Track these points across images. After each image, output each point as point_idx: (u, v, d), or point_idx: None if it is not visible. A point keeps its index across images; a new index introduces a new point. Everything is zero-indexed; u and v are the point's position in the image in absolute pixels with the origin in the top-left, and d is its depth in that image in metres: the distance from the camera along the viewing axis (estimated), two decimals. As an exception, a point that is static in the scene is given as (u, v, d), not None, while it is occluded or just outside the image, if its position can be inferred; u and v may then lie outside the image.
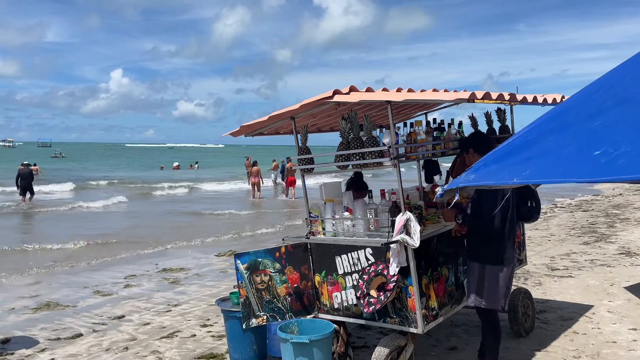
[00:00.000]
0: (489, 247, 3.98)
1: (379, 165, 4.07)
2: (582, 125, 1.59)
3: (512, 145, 1.73)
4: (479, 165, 1.75)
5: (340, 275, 4.31)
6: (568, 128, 1.61)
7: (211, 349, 5.08)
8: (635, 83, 1.61)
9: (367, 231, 4.20)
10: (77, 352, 5.16)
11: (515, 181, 1.58)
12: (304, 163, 4.48)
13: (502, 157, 1.71)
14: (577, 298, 6.22)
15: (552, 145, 1.59)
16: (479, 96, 3.64)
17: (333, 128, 5.64)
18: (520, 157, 1.64)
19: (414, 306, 3.92)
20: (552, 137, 1.62)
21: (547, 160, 1.56)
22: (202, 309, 6.46)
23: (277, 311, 4.35)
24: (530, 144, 1.66)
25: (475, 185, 1.72)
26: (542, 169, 1.55)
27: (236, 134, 4.87)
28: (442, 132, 4.91)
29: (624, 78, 1.69)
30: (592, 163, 1.45)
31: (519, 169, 1.59)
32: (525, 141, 1.69)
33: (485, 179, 1.67)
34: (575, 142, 1.54)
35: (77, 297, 7.24)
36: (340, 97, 3.97)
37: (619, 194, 19.01)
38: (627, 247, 9.15)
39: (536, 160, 1.58)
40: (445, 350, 4.81)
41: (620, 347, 4.70)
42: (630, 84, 1.63)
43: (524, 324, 5.01)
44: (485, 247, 4.00)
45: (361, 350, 4.84)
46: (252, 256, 4.33)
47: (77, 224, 14.47)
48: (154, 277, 8.34)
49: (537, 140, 1.65)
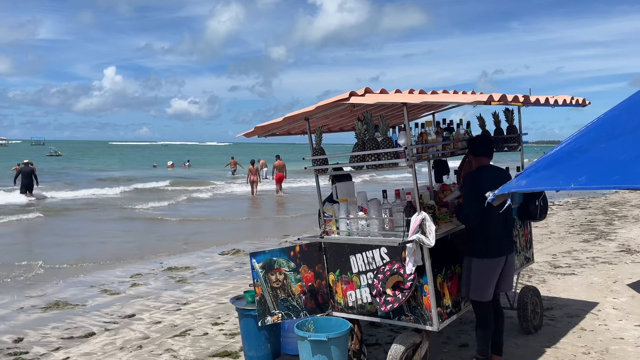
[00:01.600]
0: (472, 240, 4.21)
1: (394, 166, 4.13)
2: (633, 134, 1.65)
3: (562, 152, 1.79)
4: (529, 171, 1.81)
5: (354, 274, 4.38)
6: (618, 136, 1.68)
7: (225, 347, 5.13)
8: None
9: (382, 230, 4.27)
10: (92, 350, 5.21)
11: (572, 187, 1.65)
12: (318, 163, 4.54)
13: (553, 163, 1.77)
14: (582, 295, 6.32)
15: (604, 152, 1.66)
16: (496, 98, 3.71)
17: (343, 128, 5.70)
18: (572, 163, 1.70)
19: (429, 304, 3.99)
20: (602, 145, 1.69)
21: (602, 167, 1.62)
22: (211, 308, 6.51)
23: (291, 309, 4.41)
24: (581, 151, 1.72)
25: (528, 190, 1.78)
26: (598, 175, 1.61)
27: (250, 135, 4.92)
28: (451, 133, 4.98)
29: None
30: None
31: (574, 174, 1.65)
32: (575, 148, 1.75)
33: (539, 184, 1.73)
34: (628, 151, 1.60)
35: (85, 296, 7.27)
36: (356, 99, 4.03)
37: (615, 192, 19.18)
38: (627, 245, 9.27)
39: (591, 167, 1.64)
40: (456, 347, 4.89)
41: (628, 343, 4.79)
42: None
43: (532, 321, 5.10)
44: (471, 240, 4.22)
45: (373, 348, 4.92)
46: (267, 255, 4.39)
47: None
48: (160, 275, 8.38)
49: (587, 148, 1.72)
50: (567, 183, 1.67)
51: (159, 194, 22.89)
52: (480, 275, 4.14)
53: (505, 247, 4.25)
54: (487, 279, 4.16)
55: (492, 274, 4.18)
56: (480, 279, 4.14)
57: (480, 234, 4.15)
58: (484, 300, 4.19)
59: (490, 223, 4.09)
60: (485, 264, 4.14)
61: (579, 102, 5.08)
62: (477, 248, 4.16)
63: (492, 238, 4.14)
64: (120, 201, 19.86)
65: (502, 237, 4.22)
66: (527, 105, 4.36)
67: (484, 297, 4.18)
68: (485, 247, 4.14)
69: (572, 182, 1.65)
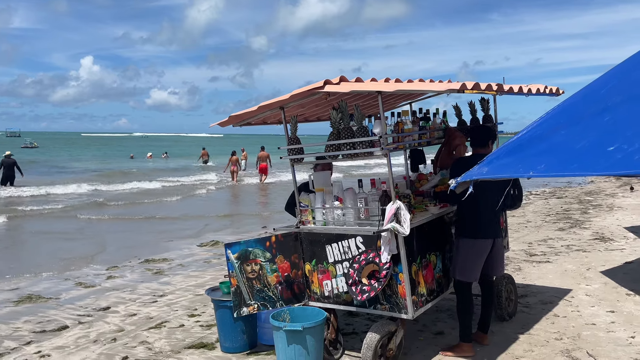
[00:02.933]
0: (462, 221, 4.41)
1: (369, 155, 4.12)
2: (592, 121, 1.66)
3: (522, 139, 1.79)
4: (491, 159, 1.80)
5: (330, 264, 4.37)
6: (577, 123, 1.68)
7: (201, 339, 5.09)
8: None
9: (357, 220, 4.26)
10: (64, 344, 5.12)
11: (531, 174, 1.65)
12: (293, 153, 4.50)
13: (514, 151, 1.77)
14: (556, 282, 6.42)
15: (564, 140, 1.66)
16: (470, 86, 3.71)
17: (320, 118, 5.66)
18: (533, 150, 1.70)
19: (404, 293, 4.00)
20: (562, 131, 1.69)
21: (561, 155, 1.63)
22: (188, 299, 6.45)
23: (267, 300, 4.39)
24: (542, 139, 1.72)
25: (489, 178, 1.78)
26: (557, 163, 1.62)
27: (224, 124, 4.86)
28: (428, 122, 4.98)
29: (630, 75, 1.75)
30: (608, 158, 1.52)
31: (533, 162, 1.66)
32: (535, 135, 1.75)
33: (500, 171, 1.73)
34: (586, 138, 1.61)
35: (59, 289, 7.14)
36: (331, 87, 4.00)
37: (591, 181, 19.54)
38: (601, 233, 9.45)
39: (550, 155, 1.64)
40: (432, 335, 4.92)
41: (599, 329, 4.88)
42: (636, 81, 1.70)
43: (507, 309, 5.16)
44: (462, 221, 4.42)
45: (350, 337, 4.92)
46: (243, 246, 4.35)
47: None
48: (137, 268, 8.27)
49: (547, 135, 1.72)
50: (527, 171, 1.67)
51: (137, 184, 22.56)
52: (467, 254, 4.34)
53: (493, 230, 4.44)
54: (473, 260, 4.34)
55: (479, 255, 4.36)
56: (466, 258, 4.34)
57: (471, 215, 4.32)
58: (468, 280, 4.37)
59: (479, 205, 4.23)
60: (473, 245, 4.33)
61: (552, 91, 5.13)
62: (466, 228, 4.36)
63: (481, 220, 4.32)
64: (93, 197, 19.52)
65: (490, 221, 4.40)
66: (500, 93, 4.39)
67: (468, 278, 4.36)
68: (474, 228, 4.33)
69: (530, 169, 1.65)
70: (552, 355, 4.35)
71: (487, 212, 4.35)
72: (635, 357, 4.25)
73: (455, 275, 4.42)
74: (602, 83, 1.83)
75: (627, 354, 4.33)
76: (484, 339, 4.61)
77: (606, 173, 1.53)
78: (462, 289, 4.42)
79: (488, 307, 4.65)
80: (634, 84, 1.68)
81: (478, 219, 4.32)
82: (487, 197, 4.30)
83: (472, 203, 4.19)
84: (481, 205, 4.26)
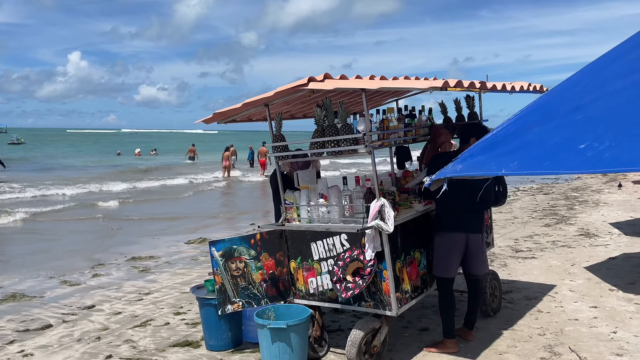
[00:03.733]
0: (439, 215, 4.43)
1: (353, 153, 4.12)
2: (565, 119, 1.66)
3: (497, 137, 1.80)
4: (465, 156, 1.81)
5: (315, 261, 4.37)
6: (551, 120, 1.69)
7: (186, 337, 5.07)
8: (613, 78, 1.69)
9: (342, 217, 4.26)
10: (48, 343, 5.07)
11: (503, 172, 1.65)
12: (278, 150, 4.49)
13: (488, 148, 1.77)
14: (541, 278, 6.48)
15: (537, 137, 1.67)
16: (452, 84, 3.72)
17: (306, 115, 5.65)
18: (506, 148, 1.71)
19: (388, 290, 4.01)
20: (535, 129, 1.70)
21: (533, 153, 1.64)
22: (174, 297, 6.42)
23: (252, 297, 4.38)
24: (515, 136, 1.73)
25: (463, 175, 1.79)
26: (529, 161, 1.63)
27: (209, 121, 4.83)
28: (413, 119, 4.99)
29: (602, 72, 1.77)
30: (579, 156, 1.53)
31: (506, 160, 1.66)
32: (509, 132, 1.76)
33: (473, 169, 1.73)
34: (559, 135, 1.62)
35: (44, 287, 7.08)
36: (315, 85, 3.99)
37: (578, 177, 19.71)
38: (586, 229, 9.54)
39: (522, 152, 1.65)
40: (417, 331, 4.95)
41: (582, 324, 4.93)
42: (608, 79, 1.71)
43: (491, 304, 5.20)
44: (437, 216, 4.45)
45: (336, 334, 4.93)
46: (227, 243, 4.34)
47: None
48: (123, 265, 8.22)
49: (520, 133, 1.72)
50: (499, 169, 1.68)
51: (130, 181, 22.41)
52: (439, 248, 4.37)
53: (468, 225, 4.37)
54: (448, 255, 4.35)
55: (453, 249, 4.35)
56: (439, 252, 4.37)
57: (445, 209, 4.36)
58: (445, 276, 4.38)
59: (453, 200, 4.15)
60: (444, 238, 4.35)
61: (536, 88, 5.15)
62: (442, 223, 4.39)
63: (454, 214, 4.33)
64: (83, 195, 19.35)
65: (466, 215, 4.36)
66: (484, 91, 4.40)
67: (445, 273, 4.37)
68: (448, 222, 4.35)
69: (503, 167, 1.66)
70: (534, 351, 4.39)
71: (462, 206, 4.31)
72: (617, 352, 4.31)
73: (433, 271, 4.45)
74: (576, 80, 1.84)
75: (608, 349, 4.38)
76: (468, 335, 4.64)
77: (577, 171, 1.54)
78: (442, 285, 4.44)
79: (474, 305, 4.66)
80: (605, 82, 1.69)
81: (452, 213, 4.33)
82: (463, 192, 4.22)
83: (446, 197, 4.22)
84: (455, 200, 4.17)
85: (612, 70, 1.74)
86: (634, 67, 1.66)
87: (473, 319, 4.65)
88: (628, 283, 6.09)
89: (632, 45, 1.79)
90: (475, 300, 4.66)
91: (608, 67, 1.78)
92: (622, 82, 1.64)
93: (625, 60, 1.75)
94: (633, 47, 1.77)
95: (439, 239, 4.38)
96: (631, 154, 1.44)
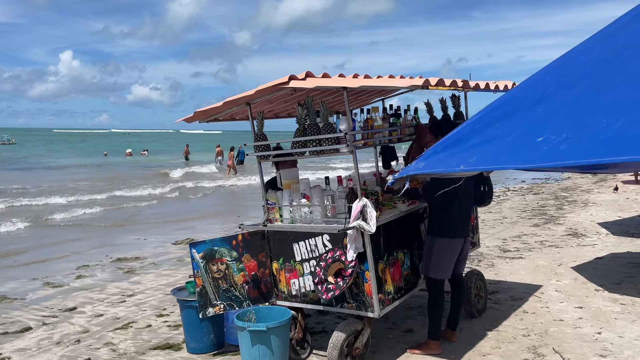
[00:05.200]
0: (435, 220, 4.35)
1: (335, 152, 4.06)
2: (526, 112, 1.62)
3: (461, 133, 1.76)
4: (429, 153, 1.77)
5: (297, 262, 4.31)
6: (512, 115, 1.65)
7: (167, 339, 5.00)
8: (577, 70, 1.65)
9: (324, 218, 4.21)
10: (26, 346, 4.98)
11: (462, 168, 1.61)
12: (260, 150, 4.43)
13: (451, 145, 1.73)
14: (527, 278, 6.45)
15: (497, 132, 1.63)
16: (433, 83, 3.68)
17: (290, 114, 5.59)
18: (468, 144, 1.67)
19: (370, 291, 3.96)
20: (497, 124, 1.66)
21: (492, 147, 1.60)
22: (157, 299, 6.34)
23: (234, 300, 4.31)
24: (477, 132, 1.69)
25: (425, 173, 1.74)
26: (487, 156, 1.59)
27: (190, 120, 4.75)
28: (399, 119, 4.94)
29: (568, 66, 1.73)
30: (535, 150, 1.49)
31: (466, 156, 1.62)
32: (473, 129, 1.72)
33: (435, 166, 1.69)
34: (518, 129, 1.58)
35: (26, 289, 6.97)
36: (296, 83, 3.93)
37: (568, 177, 19.78)
38: (575, 229, 9.55)
39: (482, 148, 1.61)
40: (401, 332, 4.90)
41: (567, 325, 4.91)
42: (574, 70, 1.67)
43: (476, 305, 5.16)
44: (437, 221, 4.34)
45: (320, 336, 4.87)
46: (208, 245, 4.27)
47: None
48: (108, 266, 8.12)
49: (483, 128, 1.68)
50: (458, 164, 1.64)
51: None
52: (441, 253, 4.30)
53: (465, 229, 4.46)
54: (448, 258, 4.34)
55: (453, 253, 4.37)
56: (441, 256, 4.31)
57: (445, 214, 4.29)
58: (443, 277, 4.37)
59: (453, 204, 4.24)
60: (448, 244, 4.30)
61: (521, 88, 5.12)
62: (441, 227, 4.31)
63: (454, 219, 4.30)
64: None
65: (462, 219, 4.39)
66: (467, 90, 4.36)
67: (443, 275, 4.36)
68: (451, 227, 4.31)
69: (462, 163, 1.62)
70: (518, 352, 4.35)
71: (462, 211, 4.35)
72: (601, 353, 4.28)
73: (428, 274, 4.37)
74: (541, 76, 1.81)
75: (592, 350, 4.35)
76: (452, 336, 4.60)
77: (533, 165, 1.51)
78: (435, 286, 4.40)
79: (457, 304, 4.66)
80: (570, 74, 1.65)
81: (455, 218, 4.30)
82: (462, 196, 4.28)
83: (448, 202, 4.25)
84: (456, 205, 4.26)
85: (576, 64, 1.70)
86: (598, 58, 1.62)
87: (456, 319, 4.63)
88: (614, 283, 6.08)
89: (598, 39, 1.75)
90: (459, 298, 4.67)
91: (573, 61, 1.74)
92: (584, 73, 1.60)
93: (590, 53, 1.71)
94: (599, 41, 1.73)
95: (441, 244, 4.29)
96: (585, 146, 1.40)
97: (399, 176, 1.83)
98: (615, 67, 1.56)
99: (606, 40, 1.70)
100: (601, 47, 1.69)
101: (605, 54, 1.63)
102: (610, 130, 1.38)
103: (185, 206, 15.54)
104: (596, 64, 1.61)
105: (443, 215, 4.30)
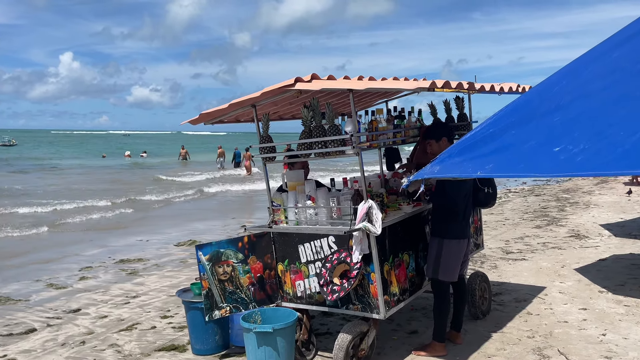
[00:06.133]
0: (443, 222, 4.34)
1: (341, 154, 4.07)
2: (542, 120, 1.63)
3: (475, 138, 1.76)
4: (443, 157, 1.77)
5: (303, 264, 4.31)
6: (528, 122, 1.66)
7: (172, 341, 5.00)
8: (593, 78, 1.66)
9: (330, 219, 4.21)
10: (31, 347, 4.98)
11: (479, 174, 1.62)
12: (265, 151, 4.44)
13: (466, 150, 1.74)
14: (531, 280, 6.46)
15: (513, 139, 1.64)
16: (439, 85, 3.68)
17: (295, 116, 5.60)
18: (483, 150, 1.67)
19: (376, 292, 3.97)
20: (513, 131, 1.67)
21: (508, 155, 1.61)
22: (161, 300, 6.34)
23: (240, 302, 4.31)
24: (493, 137, 1.69)
25: (440, 177, 1.75)
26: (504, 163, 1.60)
27: (195, 122, 4.77)
28: (403, 120, 4.95)
29: (582, 72, 1.73)
30: (552, 159, 1.50)
31: (482, 162, 1.63)
32: (487, 134, 1.73)
33: (450, 171, 1.70)
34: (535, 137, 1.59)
35: (30, 290, 6.98)
36: (302, 85, 3.94)
37: (569, 179, 19.79)
38: (577, 230, 9.55)
39: (498, 155, 1.62)
40: (406, 334, 4.90)
41: (571, 326, 4.91)
42: (588, 79, 1.68)
43: (480, 307, 5.17)
44: (445, 223, 4.34)
45: (324, 337, 4.88)
46: (214, 247, 4.27)
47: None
48: (111, 268, 8.13)
49: (499, 134, 1.69)
50: (475, 171, 1.65)
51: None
52: (450, 256, 4.32)
53: (469, 230, 4.52)
54: (456, 260, 4.36)
55: (460, 255, 4.39)
56: (450, 259, 4.32)
57: (452, 217, 4.31)
58: (451, 280, 4.38)
59: (459, 206, 4.29)
60: (456, 245, 4.32)
61: (525, 90, 5.13)
62: (449, 230, 4.32)
63: (460, 221, 4.34)
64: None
65: (467, 221, 4.43)
66: (472, 92, 4.38)
67: (451, 277, 4.36)
68: (456, 229, 4.33)
69: (479, 169, 1.63)
70: (523, 354, 4.36)
71: (467, 212, 4.38)
72: (606, 355, 4.28)
73: (437, 276, 4.34)
74: (555, 80, 1.81)
75: (597, 351, 4.36)
76: (457, 337, 4.61)
77: (550, 175, 1.52)
78: (442, 288, 4.39)
79: (461, 305, 4.66)
80: (585, 82, 1.66)
81: (462, 220, 4.34)
82: (466, 197, 4.33)
83: (454, 204, 4.27)
84: (462, 206, 4.30)
85: (591, 71, 1.71)
86: (614, 67, 1.63)
87: (460, 320, 4.63)
88: (618, 285, 6.08)
89: (613, 44, 1.76)
90: (463, 299, 4.69)
91: (587, 67, 1.74)
92: (601, 82, 1.61)
93: (606, 60, 1.72)
94: (614, 47, 1.74)
95: (449, 247, 4.30)
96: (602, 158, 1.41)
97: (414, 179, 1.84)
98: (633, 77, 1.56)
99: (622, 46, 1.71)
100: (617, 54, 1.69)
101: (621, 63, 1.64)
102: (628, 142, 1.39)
103: (190, 207, 15.56)
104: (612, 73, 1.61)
105: (450, 217, 4.31)
